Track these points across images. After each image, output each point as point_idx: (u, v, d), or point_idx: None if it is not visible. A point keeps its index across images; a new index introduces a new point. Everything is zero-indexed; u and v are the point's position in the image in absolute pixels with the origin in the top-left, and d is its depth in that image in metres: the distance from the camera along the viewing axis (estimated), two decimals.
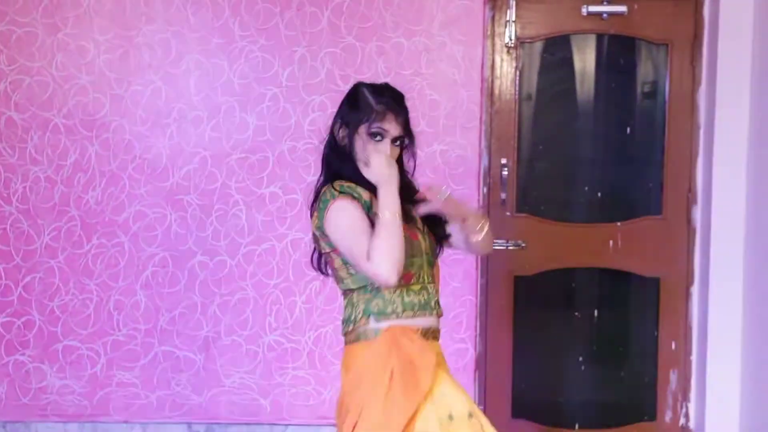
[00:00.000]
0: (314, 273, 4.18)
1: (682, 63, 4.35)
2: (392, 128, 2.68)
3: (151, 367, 4.35)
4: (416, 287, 2.68)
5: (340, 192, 2.64)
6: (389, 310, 2.63)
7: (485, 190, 4.35)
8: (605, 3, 4.32)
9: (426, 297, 2.70)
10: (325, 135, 2.83)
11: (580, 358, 4.49)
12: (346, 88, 4.11)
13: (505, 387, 4.43)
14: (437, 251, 2.82)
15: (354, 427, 2.57)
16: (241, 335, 4.34)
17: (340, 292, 2.79)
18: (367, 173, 2.64)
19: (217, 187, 4.31)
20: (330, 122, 2.82)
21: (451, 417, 2.55)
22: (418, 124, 4.16)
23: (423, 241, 2.72)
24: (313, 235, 2.73)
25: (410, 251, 2.62)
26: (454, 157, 4.29)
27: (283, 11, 4.26)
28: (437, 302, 2.74)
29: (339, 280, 2.74)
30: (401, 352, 2.58)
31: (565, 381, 4.55)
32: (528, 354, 4.48)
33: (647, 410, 4.48)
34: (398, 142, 2.71)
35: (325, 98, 4.25)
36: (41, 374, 4.34)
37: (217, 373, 4.35)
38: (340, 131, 2.73)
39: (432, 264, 2.76)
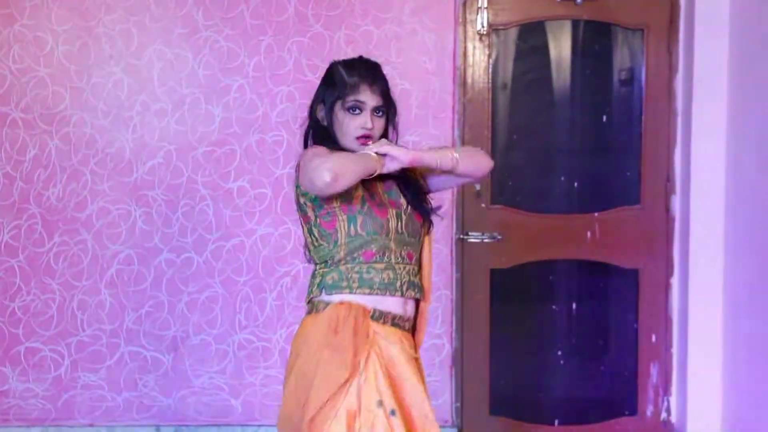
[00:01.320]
0: (285, 269, 4.23)
1: (659, 49, 4.29)
2: (369, 99, 2.63)
3: (118, 368, 4.25)
4: (379, 266, 2.59)
5: (321, 144, 2.63)
6: (343, 284, 2.58)
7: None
8: None
9: (391, 277, 2.60)
10: (301, 122, 2.81)
11: (559, 353, 4.43)
12: (315, 78, 4.11)
13: (483, 383, 4.36)
14: (421, 231, 2.71)
15: (288, 394, 2.59)
16: (210, 334, 4.24)
17: None
18: (390, 162, 2.56)
19: (183, 182, 4.20)
20: (309, 105, 2.76)
21: (379, 403, 2.49)
22: None
23: (394, 219, 2.62)
24: (297, 204, 2.67)
25: (372, 227, 2.58)
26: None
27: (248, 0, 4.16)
28: (408, 284, 2.63)
29: (307, 251, 2.71)
30: (339, 326, 2.53)
31: (543, 376, 4.48)
32: (505, 349, 4.41)
33: (628, 405, 4.42)
34: (380, 113, 2.66)
35: (293, 89, 4.16)
36: (2, 378, 4.22)
37: (186, 374, 4.26)
38: (320, 111, 2.70)
39: (408, 243, 2.66)
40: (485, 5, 4.23)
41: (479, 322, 4.34)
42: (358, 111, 2.62)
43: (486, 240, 4.30)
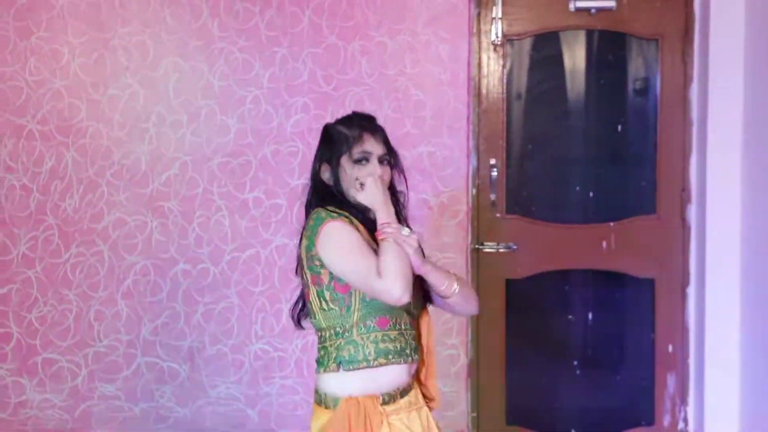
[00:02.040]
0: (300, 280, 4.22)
1: (673, 58, 4.28)
2: (374, 148, 2.62)
3: (134, 378, 4.25)
4: (393, 333, 2.56)
5: (333, 212, 2.56)
6: (360, 356, 2.53)
7: (474, 191, 4.26)
8: None
9: (402, 344, 2.58)
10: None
11: (575, 363, 4.41)
12: (330, 89, 4.15)
13: (499, 393, 4.35)
14: (421, 303, 2.70)
15: None
16: (226, 344, 4.24)
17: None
18: (363, 197, 2.56)
19: (198, 193, 4.21)
20: (310, 170, 2.72)
21: None
22: (403, 126, 4.11)
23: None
24: (298, 260, 2.63)
25: None
26: (442, 159, 4.21)
27: (263, 11, 4.17)
28: (414, 349, 2.62)
29: (312, 315, 2.62)
30: (352, 428, 2.51)
31: (559, 386, 4.46)
32: (521, 359, 4.39)
33: (645, 415, 4.40)
34: (385, 162, 2.65)
35: (308, 99, 4.17)
36: (20, 388, 4.23)
37: (202, 384, 4.26)
38: (324, 172, 2.66)
39: (412, 314, 2.65)
40: (499, 16, 4.24)
41: (495, 332, 4.33)
42: (365, 162, 2.61)
43: (501, 250, 4.29)
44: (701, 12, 4.20)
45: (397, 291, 2.40)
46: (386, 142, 2.66)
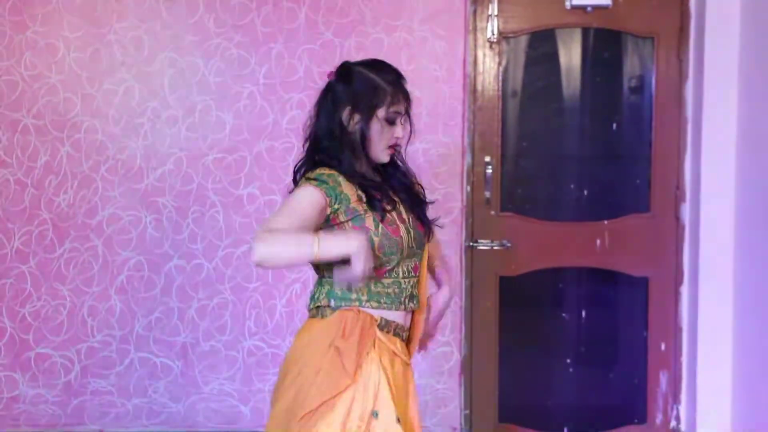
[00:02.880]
0: (294, 275, 4.23)
1: (669, 56, 4.28)
2: (402, 107, 2.63)
3: (127, 374, 4.24)
4: (387, 281, 2.58)
5: (313, 179, 2.53)
6: (353, 297, 2.56)
7: (469, 188, 4.26)
8: None
9: (396, 291, 2.60)
10: (308, 126, 2.68)
11: (568, 360, 4.42)
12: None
13: (492, 390, 4.35)
14: (424, 240, 2.70)
15: (283, 390, 2.56)
16: (219, 340, 4.24)
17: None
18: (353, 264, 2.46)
19: (193, 189, 4.21)
20: (321, 110, 2.64)
21: (376, 414, 2.49)
22: None
23: (406, 236, 2.60)
24: None
25: (388, 248, 2.55)
26: (437, 156, 4.21)
27: (259, 7, 4.17)
28: (410, 297, 2.63)
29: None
30: (346, 331, 2.51)
31: (552, 384, 4.47)
32: (514, 356, 4.40)
33: (637, 413, 4.41)
34: (405, 119, 2.66)
35: (303, 96, 4.17)
36: (13, 383, 4.22)
37: (195, 380, 4.26)
38: (352, 118, 2.59)
39: (415, 255, 2.65)
40: (495, 13, 4.24)
41: (488, 329, 4.33)
42: (393, 122, 2.60)
43: (495, 247, 4.29)
44: (697, 10, 4.21)
45: (255, 251, 2.36)
46: (407, 95, 2.65)
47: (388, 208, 2.59)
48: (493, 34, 4.25)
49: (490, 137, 4.28)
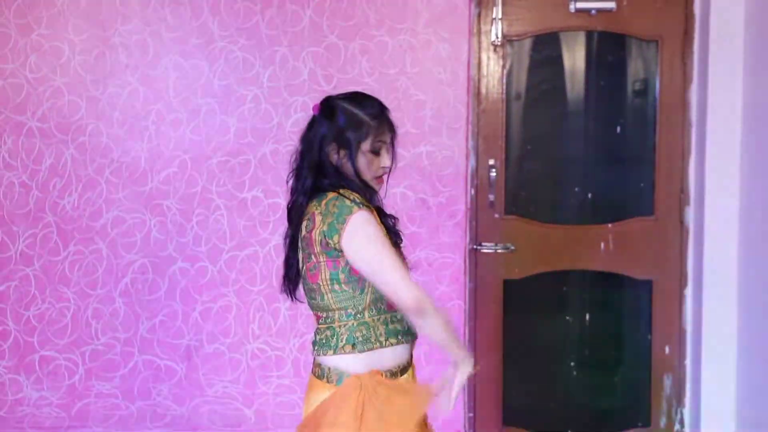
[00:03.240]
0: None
1: (673, 60, 4.28)
2: (387, 138, 2.64)
3: (131, 376, 4.25)
4: (399, 314, 2.57)
5: (360, 203, 2.51)
6: (373, 338, 2.54)
7: (473, 191, 4.26)
8: None
9: (406, 324, 2.60)
10: (296, 157, 2.69)
11: (572, 364, 4.42)
12: (330, 88, 4.14)
13: (496, 394, 4.35)
14: None
15: None
16: (223, 343, 4.24)
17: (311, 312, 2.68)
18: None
19: (197, 191, 4.21)
20: (306, 143, 2.65)
21: None
22: (403, 125, 4.09)
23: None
24: (309, 242, 2.54)
25: None
26: (441, 159, 4.21)
27: (263, 10, 4.17)
28: (411, 326, 2.62)
29: (318, 295, 2.59)
30: (370, 394, 2.50)
31: (556, 387, 4.46)
32: (518, 359, 4.40)
33: (641, 416, 4.40)
34: (392, 148, 2.66)
35: (307, 99, 4.17)
36: (17, 386, 4.23)
37: (199, 383, 4.26)
38: (334, 154, 2.59)
39: None
40: (499, 16, 4.24)
41: (492, 332, 4.33)
42: (379, 151, 2.61)
43: (499, 250, 4.29)
44: (701, 13, 4.21)
45: (415, 297, 2.42)
46: (391, 125, 2.65)
47: (398, 240, 2.67)
48: (497, 37, 4.26)
49: (494, 140, 4.28)
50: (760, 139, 3.98)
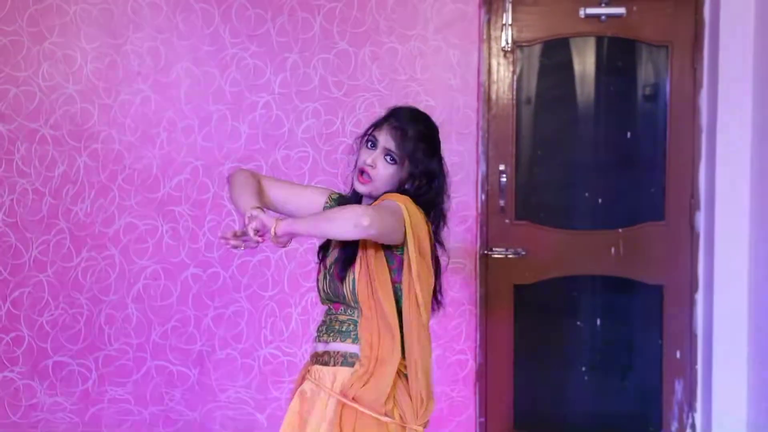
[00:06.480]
0: (310, 284, 4.24)
1: (683, 65, 4.29)
2: (384, 139, 2.62)
3: (144, 382, 4.26)
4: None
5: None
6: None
7: (483, 197, 4.27)
8: (603, 5, 4.25)
9: (328, 323, 2.73)
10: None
11: (583, 368, 4.42)
12: (340, 94, 4.16)
13: (507, 398, 4.36)
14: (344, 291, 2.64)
15: None
16: (235, 348, 4.26)
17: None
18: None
19: (209, 198, 4.23)
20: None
21: None
22: None
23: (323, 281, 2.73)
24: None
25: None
26: (451, 164, 4.11)
27: (274, 17, 4.19)
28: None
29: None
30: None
31: (567, 391, 4.46)
32: (529, 364, 4.40)
33: (652, 421, 4.40)
34: (391, 159, 2.61)
35: (318, 105, 4.18)
36: (31, 391, 4.25)
37: (211, 388, 4.27)
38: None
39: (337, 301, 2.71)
40: (509, 22, 4.25)
41: (503, 337, 4.34)
42: (372, 146, 2.63)
43: (510, 255, 4.30)
44: (711, 19, 4.21)
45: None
46: (402, 141, 2.59)
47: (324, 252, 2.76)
48: (508, 43, 4.27)
49: (504, 146, 4.29)
50: None
